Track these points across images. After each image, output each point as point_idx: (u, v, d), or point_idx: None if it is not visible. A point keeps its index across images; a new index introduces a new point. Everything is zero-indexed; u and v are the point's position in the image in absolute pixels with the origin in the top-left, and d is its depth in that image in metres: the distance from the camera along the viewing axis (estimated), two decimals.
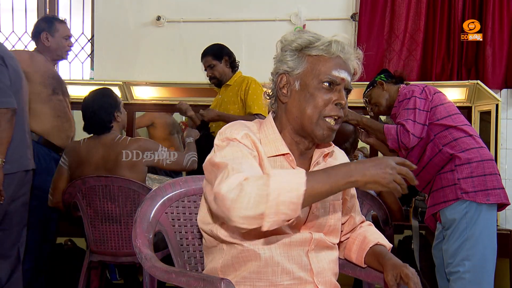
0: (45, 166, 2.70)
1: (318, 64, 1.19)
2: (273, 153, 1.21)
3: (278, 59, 1.25)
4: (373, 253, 1.33)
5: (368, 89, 2.49)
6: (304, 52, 1.21)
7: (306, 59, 1.20)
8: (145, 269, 1.28)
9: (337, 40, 1.21)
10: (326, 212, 1.26)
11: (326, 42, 1.20)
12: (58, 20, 2.87)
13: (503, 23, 3.42)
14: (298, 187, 0.99)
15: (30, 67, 2.68)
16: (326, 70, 1.18)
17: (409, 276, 1.19)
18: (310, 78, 1.19)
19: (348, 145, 2.63)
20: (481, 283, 2.09)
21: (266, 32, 3.72)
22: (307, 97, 1.19)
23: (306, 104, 1.19)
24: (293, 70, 1.21)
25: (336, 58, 1.20)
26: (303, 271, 1.20)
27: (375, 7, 3.56)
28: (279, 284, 1.16)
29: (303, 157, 1.26)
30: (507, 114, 3.47)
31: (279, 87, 1.23)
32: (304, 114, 1.19)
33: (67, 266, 3.05)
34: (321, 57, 1.19)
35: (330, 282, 1.25)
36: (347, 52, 1.21)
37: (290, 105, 1.22)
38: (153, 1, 3.89)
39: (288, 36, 1.25)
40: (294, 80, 1.21)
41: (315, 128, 1.19)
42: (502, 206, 2.19)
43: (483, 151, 2.16)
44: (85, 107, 2.44)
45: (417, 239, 2.60)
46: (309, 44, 1.20)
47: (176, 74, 3.72)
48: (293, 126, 1.22)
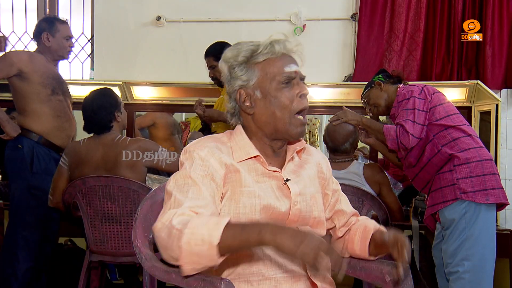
0: (44, 166, 2.70)
1: (269, 67, 1.24)
2: (244, 157, 1.25)
3: (229, 79, 1.28)
4: (376, 238, 1.33)
5: (366, 90, 2.49)
6: (251, 61, 1.25)
7: (256, 67, 1.25)
8: (145, 269, 1.28)
9: (276, 39, 1.26)
10: (308, 205, 1.28)
11: (268, 45, 1.25)
12: (59, 20, 2.87)
13: (503, 23, 3.41)
14: (211, 240, 1.00)
15: (29, 67, 2.68)
16: (278, 70, 1.23)
17: (401, 240, 1.20)
18: (267, 82, 1.23)
19: (348, 145, 2.63)
20: (480, 283, 2.09)
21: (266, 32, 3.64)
22: (272, 101, 1.23)
23: (274, 108, 1.23)
24: (248, 81, 1.25)
25: (281, 56, 1.25)
26: (295, 264, 1.21)
27: (375, 7, 3.56)
28: (272, 278, 1.18)
29: (277, 156, 1.30)
30: (507, 114, 3.46)
31: (241, 102, 1.27)
32: (276, 117, 1.23)
33: (67, 266, 3.05)
34: (268, 60, 1.24)
35: (324, 276, 1.26)
36: (289, 47, 1.27)
37: (258, 113, 1.26)
38: (153, 1, 3.89)
39: (228, 54, 1.29)
40: (253, 90, 1.25)
41: (289, 128, 1.24)
42: (502, 206, 2.19)
43: (482, 151, 2.16)
44: (85, 106, 2.44)
45: (417, 239, 2.60)
46: (252, 53, 1.25)
47: (176, 74, 3.72)
48: (265, 131, 1.27)
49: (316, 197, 1.31)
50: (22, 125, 2.70)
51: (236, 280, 1.18)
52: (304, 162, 1.35)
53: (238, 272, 1.18)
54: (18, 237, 2.65)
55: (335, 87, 3.42)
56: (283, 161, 1.31)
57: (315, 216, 1.29)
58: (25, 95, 2.70)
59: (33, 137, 2.69)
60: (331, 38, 3.70)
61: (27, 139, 2.69)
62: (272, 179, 1.26)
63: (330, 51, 3.70)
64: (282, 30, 3.70)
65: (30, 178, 2.67)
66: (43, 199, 2.57)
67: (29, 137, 2.69)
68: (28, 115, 2.71)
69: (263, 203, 1.19)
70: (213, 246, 0.99)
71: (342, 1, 3.70)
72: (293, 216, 1.24)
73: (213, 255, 1.01)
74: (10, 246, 2.67)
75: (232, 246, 1.01)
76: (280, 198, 1.24)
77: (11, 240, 2.67)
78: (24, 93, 2.70)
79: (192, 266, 1.04)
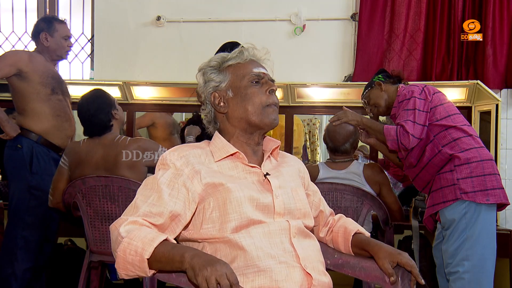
0: (44, 166, 2.70)
1: (239, 70, 1.35)
2: (223, 155, 1.32)
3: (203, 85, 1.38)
4: (356, 242, 1.43)
5: (366, 90, 2.48)
6: (223, 66, 1.37)
7: (227, 70, 1.36)
8: None
9: (245, 48, 1.38)
10: (289, 197, 1.33)
11: (238, 52, 1.37)
12: (57, 20, 2.86)
13: (503, 23, 3.42)
14: (143, 253, 1.09)
15: (29, 67, 2.68)
16: (248, 71, 1.34)
17: (409, 264, 1.30)
18: (238, 82, 1.34)
19: (348, 146, 2.62)
20: (480, 283, 2.09)
21: (266, 32, 3.72)
22: (244, 97, 1.33)
23: (246, 102, 1.32)
24: (221, 83, 1.35)
25: (250, 61, 1.37)
26: (288, 256, 1.24)
27: (375, 7, 3.56)
28: (267, 269, 1.19)
29: (255, 156, 1.38)
30: (507, 114, 3.47)
31: (215, 104, 1.36)
32: (247, 111, 1.32)
33: (67, 266, 3.05)
34: (238, 64, 1.36)
35: (318, 269, 1.28)
36: (257, 55, 1.39)
37: (231, 110, 1.35)
38: (153, 1, 3.89)
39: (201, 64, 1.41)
40: (226, 91, 1.35)
41: (262, 118, 1.32)
42: (502, 206, 2.19)
43: (482, 151, 2.16)
44: (82, 111, 2.43)
45: (417, 239, 2.61)
46: (224, 60, 1.37)
47: (176, 74, 3.72)
48: (240, 127, 1.35)
49: (298, 191, 1.37)
50: (21, 125, 2.70)
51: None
52: (281, 163, 1.43)
53: (233, 266, 1.20)
54: (17, 237, 2.65)
55: (335, 87, 3.42)
56: (262, 160, 1.38)
57: (299, 208, 1.34)
58: (25, 94, 2.70)
59: (33, 137, 2.69)
60: (331, 38, 3.70)
61: (27, 139, 2.68)
62: (253, 175, 1.33)
63: (330, 51, 3.70)
64: (282, 30, 3.73)
65: (30, 178, 2.67)
66: (43, 199, 2.57)
67: (28, 137, 2.69)
68: (27, 115, 2.71)
69: (246, 196, 1.25)
70: (144, 259, 1.09)
71: (342, 1, 3.70)
72: (278, 208, 1.29)
73: (144, 267, 1.10)
74: (9, 246, 2.67)
75: (160, 262, 1.09)
76: (262, 191, 1.29)
77: (11, 240, 2.67)
78: (23, 93, 2.70)
79: (125, 272, 1.14)
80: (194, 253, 1.07)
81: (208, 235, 1.24)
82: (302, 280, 1.22)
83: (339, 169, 2.59)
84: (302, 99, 3.43)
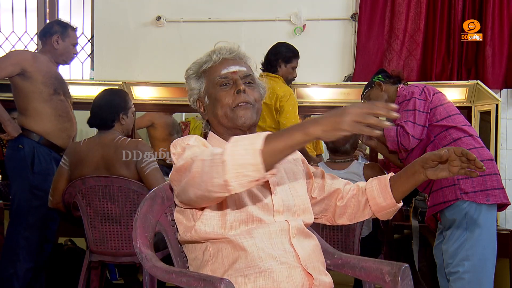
0: (45, 166, 2.70)
1: (212, 74, 1.36)
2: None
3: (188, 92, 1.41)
4: (395, 181, 1.38)
5: (366, 90, 2.48)
6: (199, 72, 1.39)
7: (203, 76, 1.38)
8: (146, 269, 1.28)
9: (214, 49, 1.38)
10: (287, 194, 1.32)
11: (207, 55, 1.38)
12: (71, 27, 2.93)
13: (503, 23, 3.42)
14: (254, 147, 0.99)
15: (33, 67, 2.69)
16: (217, 74, 1.35)
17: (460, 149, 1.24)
18: (211, 87, 1.36)
19: (349, 146, 2.63)
20: (480, 284, 2.09)
21: (266, 32, 3.72)
22: (214, 101, 1.34)
23: (214, 108, 1.34)
24: (199, 90, 1.39)
25: (221, 61, 1.36)
26: (289, 256, 1.23)
27: (375, 7, 3.56)
28: (268, 270, 1.19)
29: None
30: (507, 114, 3.47)
31: (200, 112, 1.41)
32: (218, 115, 1.33)
33: (67, 266, 3.05)
34: (212, 67, 1.36)
35: (319, 269, 1.28)
36: (230, 51, 1.38)
37: (209, 117, 1.38)
38: (153, 1, 3.89)
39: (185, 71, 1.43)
40: (204, 98, 1.38)
41: (233, 120, 1.32)
42: (502, 206, 2.19)
43: (483, 151, 2.16)
44: (94, 101, 2.49)
45: (417, 239, 2.60)
46: (200, 65, 1.39)
47: (176, 74, 3.69)
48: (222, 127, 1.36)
49: (296, 187, 1.36)
50: (23, 126, 2.70)
51: (233, 275, 1.20)
52: None
53: (235, 267, 1.20)
54: (19, 237, 2.65)
55: (335, 87, 3.42)
56: None
57: (298, 204, 1.33)
58: (27, 94, 2.70)
59: (34, 138, 2.70)
60: (331, 38, 3.70)
61: (28, 139, 2.69)
62: None
63: (330, 51, 3.70)
64: (282, 30, 3.73)
65: (31, 178, 2.67)
66: (44, 199, 2.57)
67: (30, 137, 2.69)
68: (29, 115, 2.71)
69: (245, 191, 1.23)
70: (257, 152, 0.98)
71: (342, 1, 3.71)
72: (277, 206, 1.28)
73: (258, 163, 0.98)
74: (11, 246, 2.67)
75: (277, 148, 0.99)
76: (261, 189, 1.29)
77: (12, 240, 2.67)
78: (26, 92, 2.70)
79: (239, 180, 1.00)
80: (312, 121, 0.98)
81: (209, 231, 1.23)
82: (303, 280, 1.22)
83: (339, 169, 2.60)
84: (302, 99, 3.43)
